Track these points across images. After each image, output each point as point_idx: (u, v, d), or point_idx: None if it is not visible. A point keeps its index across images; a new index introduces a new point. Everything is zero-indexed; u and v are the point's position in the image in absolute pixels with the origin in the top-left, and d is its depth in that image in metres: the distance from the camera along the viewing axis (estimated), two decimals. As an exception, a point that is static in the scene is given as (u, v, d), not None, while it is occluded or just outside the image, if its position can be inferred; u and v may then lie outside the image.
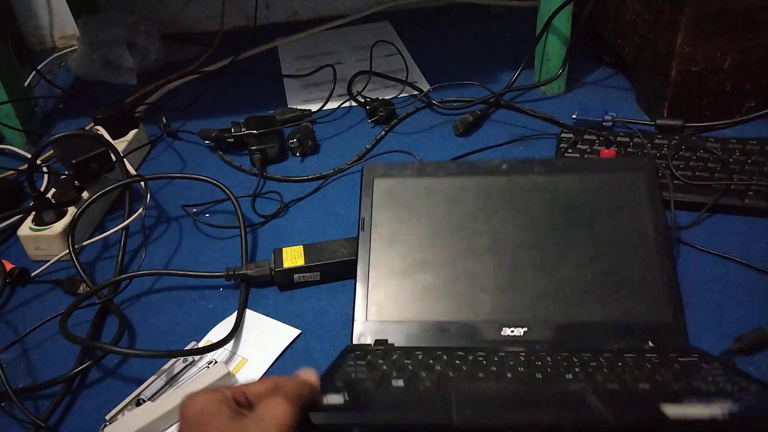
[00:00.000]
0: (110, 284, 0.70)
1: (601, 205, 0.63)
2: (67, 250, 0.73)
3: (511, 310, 0.58)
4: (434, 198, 0.65)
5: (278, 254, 0.70)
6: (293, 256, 0.69)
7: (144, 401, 0.58)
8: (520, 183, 0.65)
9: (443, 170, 0.67)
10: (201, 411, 0.38)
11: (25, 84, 1.08)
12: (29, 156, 0.96)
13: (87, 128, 0.97)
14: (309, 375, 0.42)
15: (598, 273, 0.59)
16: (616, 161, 0.67)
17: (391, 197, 0.66)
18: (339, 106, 1.03)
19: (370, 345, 0.57)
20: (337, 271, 0.69)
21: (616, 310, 0.58)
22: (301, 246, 0.70)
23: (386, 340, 0.58)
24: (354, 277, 0.62)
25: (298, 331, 0.65)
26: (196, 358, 0.62)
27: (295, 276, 0.69)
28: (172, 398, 0.57)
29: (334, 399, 0.41)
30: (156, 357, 0.62)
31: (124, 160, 0.82)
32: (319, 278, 0.70)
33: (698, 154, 0.77)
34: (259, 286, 0.71)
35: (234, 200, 0.77)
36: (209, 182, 0.79)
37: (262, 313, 0.67)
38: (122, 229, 0.77)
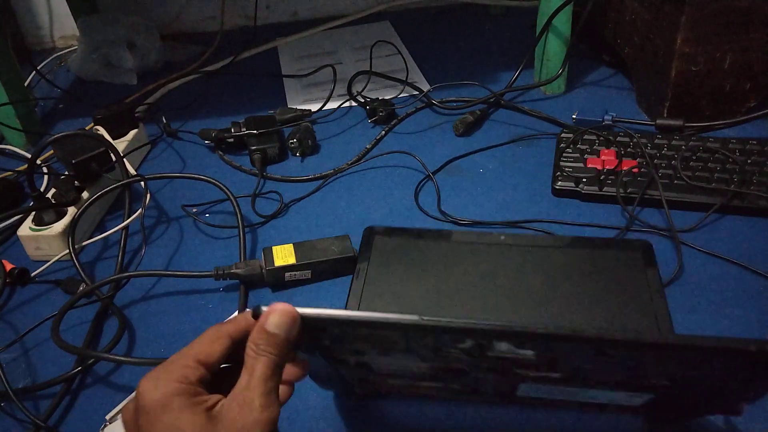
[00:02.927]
0: (98, 287, 0.69)
1: (599, 281, 0.62)
2: (67, 250, 0.73)
3: None
4: (431, 261, 0.66)
5: (268, 253, 0.69)
6: (284, 255, 0.69)
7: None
8: (517, 254, 0.66)
9: (443, 237, 0.69)
10: (163, 405, 0.36)
11: (25, 84, 1.08)
12: (29, 156, 0.96)
13: (87, 128, 0.96)
14: (280, 314, 0.37)
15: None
16: (611, 241, 0.68)
17: (388, 255, 0.67)
18: (339, 106, 1.03)
19: None
20: (328, 269, 0.69)
21: None
22: (292, 244, 0.70)
23: None
24: (347, 298, 0.61)
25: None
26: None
27: (286, 274, 0.69)
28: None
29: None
30: (150, 365, 0.61)
31: (124, 160, 0.82)
32: (309, 276, 0.69)
33: (698, 154, 0.77)
34: (250, 286, 0.70)
35: (233, 200, 0.77)
36: (209, 182, 0.79)
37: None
38: (122, 229, 0.77)
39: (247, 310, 0.39)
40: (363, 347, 0.42)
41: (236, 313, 0.67)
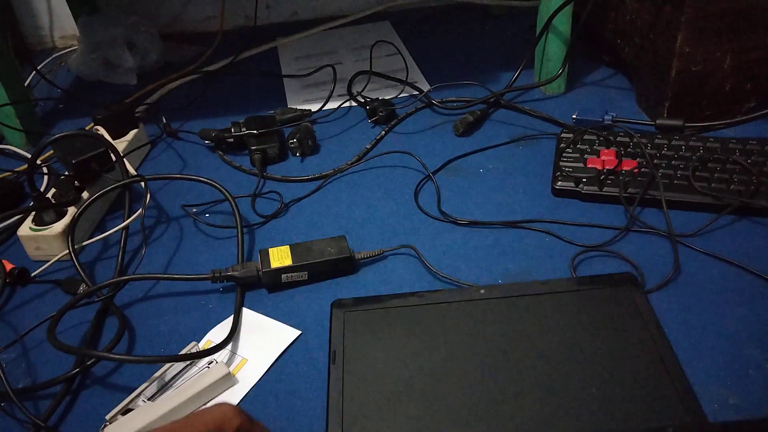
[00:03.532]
0: (97, 289, 0.69)
1: (590, 322, 0.59)
2: (67, 250, 0.73)
3: None
4: (408, 330, 0.61)
5: (265, 255, 0.69)
6: (280, 257, 0.69)
7: (144, 401, 0.58)
8: (499, 309, 0.61)
9: (417, 299, 0.64)
10: None
11: (25, 84, 1.08)
12: (29, 156, 0.96)
13: (87, 128, 0.97)
14: None
15: (603, 387, 0.54)
16: (595, 279, 0.64)
17: (363, 332, 0.61)
18: (339, 106, 1.03)
19: None
20: (325, 270, 0.69)
21: (629, 420, 0.52)
22: (288, 246, 0.70)
23: None
24: (327, 388, 0.57)
25: (299, 332, 0.65)
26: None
27: (283, 276, 0.68)
28: (172, 399, 0.57)
29: None
30: (149, 362, 0.62)
31: (124, 160, 0.82)
32: (306, 278, 0.69)
33: (698, 154, 0.77)
34: (247, 288, 0.70)
35: (231, 201, 0.77)
36: (207, 183, 0.79)
37: (263, 313, 0.67)
38: (122, 229, 0.77)
39: (224, 402, 0.41)
40: None
41: (231, 318, 0.67)
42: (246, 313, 0.67)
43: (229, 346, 0.64)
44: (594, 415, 0.52)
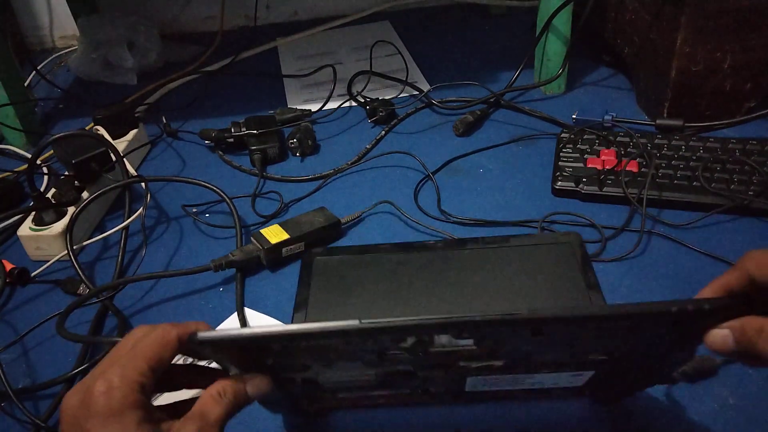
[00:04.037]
0: (101, 290, 0.70)
1: (535, 275, 0.64)
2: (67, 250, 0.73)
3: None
4: (370, 274, 0.67)
5: (259, 236, 0.72)
6: (275, 233, 0.72)
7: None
8: (454, 256, 0.68)
9: (382, 250, 0.70)
10: (117, 415, 0.34)
11: (25, 84, 1.08)
12: (29, 156, 0.96)
13: (87, 128, 0.97)
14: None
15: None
16: (544, 236, 0.71)
17: (328, 277, 0.67)
18: (339, 106, 1.03)
19: None
20: (319, 238, 0.73)
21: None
22: (277, 224, 0.74)
23: None
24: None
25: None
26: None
27: (284, 250, 0.71)
28: (172, 399, 0.57)
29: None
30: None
31: (124, 160, 0.82)
32: (303, 248, 0.73)
33: (698, 154, 0.77)
34: (247, 273, 0.71)
35: (230, 203, 0.78)
36: (203, 186, 0.80)
37: (263, 313, 0.67)
38: (122, 229, 0.77)
39: (200, 322, 0.40)
40: (307, 361, 0.42)
41: (234, 316, 0.67)
42: (246, 312, 0.67)
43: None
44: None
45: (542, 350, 0.42)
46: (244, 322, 0.65)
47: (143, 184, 0.79)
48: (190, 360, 0.44)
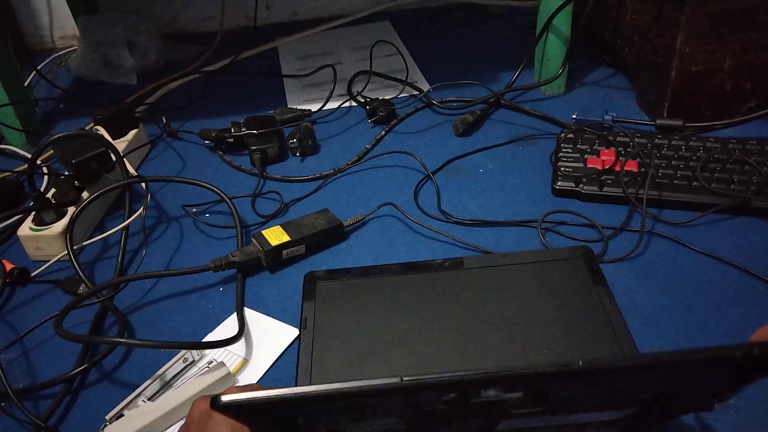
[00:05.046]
0: (99, 289, 0.69)
1: (544, 287, 0.63)
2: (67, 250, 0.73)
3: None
4: (377, 300, 0.64)
5: (260, 237, 0.72)
6: (276, 235, 0.72)
7: (144, 401, 0.58)
8: (465, 279, 0.66)
9: (385, 271, 0.68)
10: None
11: (25, 84, 1.08)
12: (29, 156, 0.96)
13: (87, 128, 0.97)
14: None
15: (554, 343, 0.59)
16: (551, 252, 0.69)
17: (333, 301, 0.65)
18: (339, 106, 1.03)
19: None
20: (320, 240, 0.73)
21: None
22: (279, 225, 0.73)
23: None
24: (296, 366, 0.60)
25: (299, 331, 0.65)
26: (196, 358, 0.62)
27: (284, 252, 0.71)
28: (172, 398, 0.57)
29: None
30: (162, 348, 0.62)
31: (124, 160, 0.82)
32: (304, 251, 0.72)
33: (698, 154, 0.77)
34: (248, 273, 0.71)
35: (229, 203, 0.78)
36: (203, 186, 0.80)
37: (263, 313, 0.67)
38: (122, 229, 0.77)
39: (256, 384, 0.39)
40: (340, 418, 0.40)
41: (230, 318, 0.67)
42: (246, 312, 0.67)
43: (229, 347, 0.64)
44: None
45: (591, 395, 0.41)
46: (243, 322, 0.65)
47: (143, 184, 0.79)
48: None
